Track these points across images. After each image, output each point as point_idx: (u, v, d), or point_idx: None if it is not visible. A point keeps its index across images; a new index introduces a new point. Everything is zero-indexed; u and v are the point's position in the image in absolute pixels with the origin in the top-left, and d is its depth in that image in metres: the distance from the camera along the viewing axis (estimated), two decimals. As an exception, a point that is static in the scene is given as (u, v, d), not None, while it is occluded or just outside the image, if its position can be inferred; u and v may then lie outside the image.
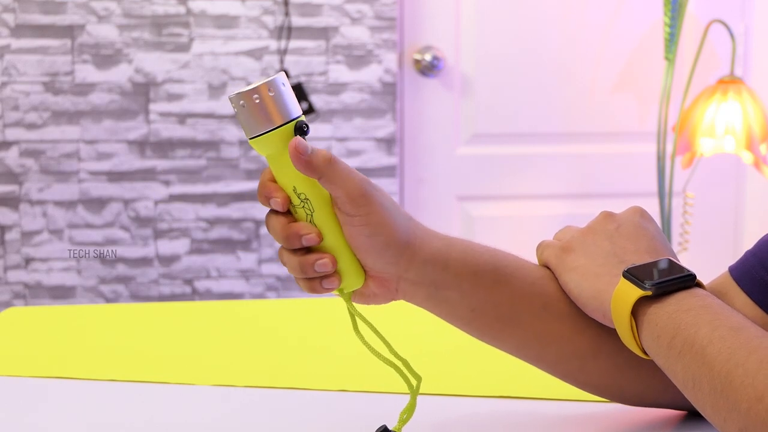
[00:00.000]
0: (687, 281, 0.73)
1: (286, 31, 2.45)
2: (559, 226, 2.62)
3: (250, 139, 0.72)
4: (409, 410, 0.79)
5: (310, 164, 0.72)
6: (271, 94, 0.71)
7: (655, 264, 0.75)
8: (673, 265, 0.74)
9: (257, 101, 0.71)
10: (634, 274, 0.73)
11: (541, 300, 0.80)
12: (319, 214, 0.73)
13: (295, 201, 0.73)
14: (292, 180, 0.73)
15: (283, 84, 0.72)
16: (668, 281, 0.72)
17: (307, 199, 0.73)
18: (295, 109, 0.72)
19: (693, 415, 0.84)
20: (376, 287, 0.78)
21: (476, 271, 0.78)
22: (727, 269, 0.83)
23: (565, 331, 0.79)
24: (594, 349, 0.80)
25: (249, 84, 0.75)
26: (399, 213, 0.76)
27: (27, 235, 2.44)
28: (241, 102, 0.72)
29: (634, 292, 0.72)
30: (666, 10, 2.35)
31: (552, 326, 0.79)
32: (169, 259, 2.48)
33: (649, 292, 0.71)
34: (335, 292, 0.77)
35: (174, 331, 1.16)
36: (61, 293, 2.46)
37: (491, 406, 0.90)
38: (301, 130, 0.72)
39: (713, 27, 2.47)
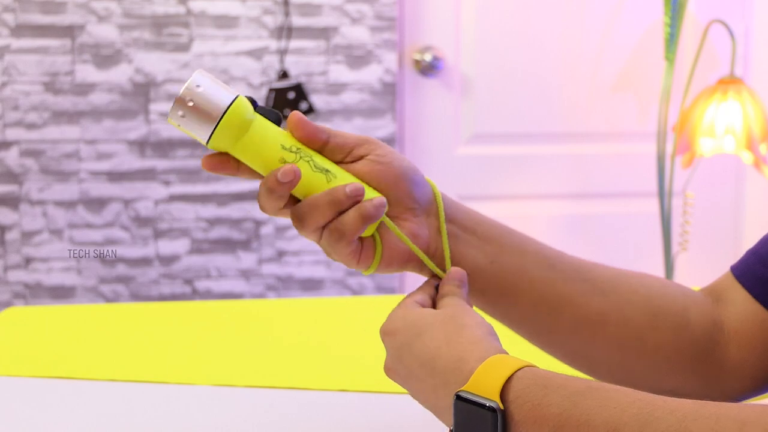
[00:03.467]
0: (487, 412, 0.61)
1: (286, 31, 2.45)
2: (559, 226, 2.61)
3: (211, 138, 0.70)
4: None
5: (314, 135, 0.72)
6: (199, 89, 0.70)
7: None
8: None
9: (191, 104, 0.69)
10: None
11: (548, 261, 0.79)
12: (318, 157, 0.73)
13: (291, 158, 0.72)
14: (276, 144, 0.71)
15: (202, 76, 0.71)
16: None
17: (299, 149, 0.72)
18: (229, 90, 0.71)
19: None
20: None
21: (484, 222, 0.78)
22: (729, 269, 0.83)
23: (575, 295, 0.79)
24: (603, 317, 0.79)
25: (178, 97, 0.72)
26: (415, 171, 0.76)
27: (27, 235, 2.44)
28: (180, 113, 0.70)
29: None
30: (666, 10, 2.35)
31: (561, 288, 0.79)
32: (169, 259, 2.48)
33: None
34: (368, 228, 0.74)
35: (174, 331, 1.16)
36: (61, 293, 2.46)
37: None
38: (253, 103, 0.72)
39: (713, 27, 2.46)
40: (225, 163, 0.73)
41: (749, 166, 2.71)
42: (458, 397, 0.61)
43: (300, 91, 2.45)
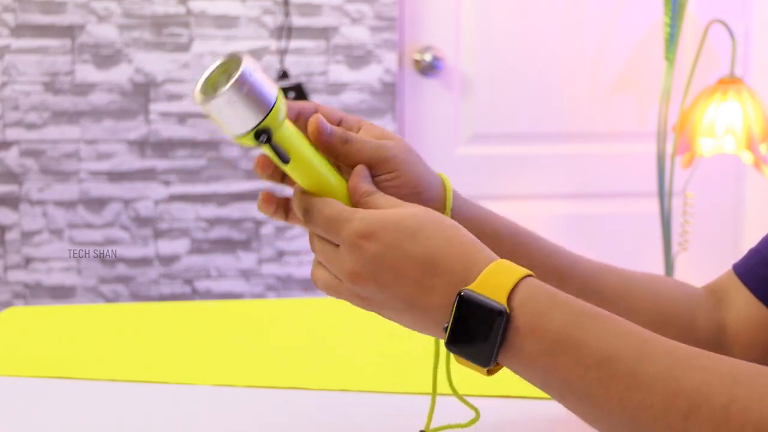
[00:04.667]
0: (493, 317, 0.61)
1: (286, 31, 2.45)
2: (559, 226, 2.62)
3: (254, 128, 0.66)
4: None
5: (329, 145, 0.70)
6: (254, 75, 0.66)
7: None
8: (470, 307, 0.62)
9: (245, 89, 0.65)
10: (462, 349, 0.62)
11: (559, 274, 0.78)
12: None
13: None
14: (301, 137, 0.70)
15: (254, 62, 0.67)
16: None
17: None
18: (270, 80, 0.69)
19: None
20: None
21: (497, 230, 0.77)
22: (731, 267, 0.83)
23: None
24: None
25: (209, 76, 0.68)
26: (427, 172, 0.75)
27: (27, 235, 2.44)
28: (227, 98, 0.64)
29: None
30: (666, 10, 2.35)
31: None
32: (169, 259, 2.48)
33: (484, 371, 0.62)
34: None
35: (174, 331, 1.16)
36: (61, 293, 2.46)
37: (491, 406, 0.90)
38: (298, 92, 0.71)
39: (713, 27, 2.46)
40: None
41: (749, 166, 2.71)
42: (463, 296, 0.61)
43: (300, 91, 2.45)
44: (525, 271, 0.62)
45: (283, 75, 2.44)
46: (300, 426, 0.85)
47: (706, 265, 2.73)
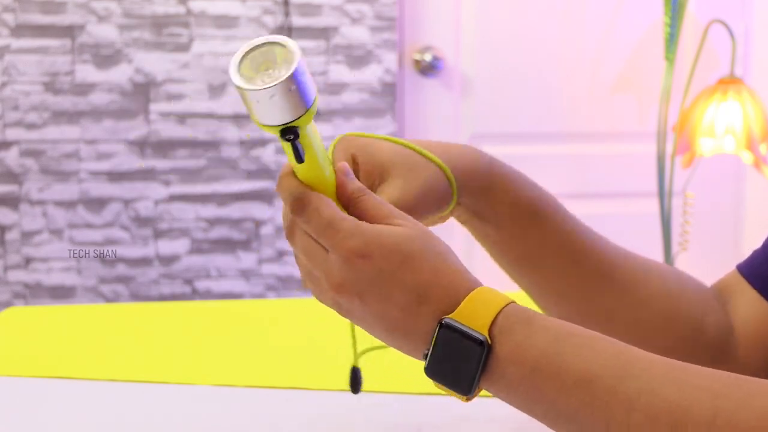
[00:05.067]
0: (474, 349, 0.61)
1: (286, 31, 2.45)
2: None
3: (292, 122, 0.64)
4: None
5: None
6: (304, 75, 0.64)
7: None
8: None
9: (293, 88, 0.63)
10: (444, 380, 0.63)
11: (573, 256, 0.78)
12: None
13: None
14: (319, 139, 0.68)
15: (302, 58, 0.64)
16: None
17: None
18: (313, 82, 0.66)
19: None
20: None
21: (518, 198, 0.77)
22: (735, 268, 0.83)
23: (589, 289, 0.78)
24: (611, 314, 0.79)
25: (249, 52, 0.64)
26: (437, 176, 0.73)
27: (27, 235, 2.44)
28: (274, 94, 0.63)
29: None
30: (666, 10, 2.35)
31: (578, 282, 0.78)
32: (169, 259, 2.48)
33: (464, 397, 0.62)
34: None
35: (174, 331, 1.16)
36: (61, 293, 2.46)
37: (488, 405, 0.89)
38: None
39: (713, 27, 2.47)
40: None
41: (749, 166, 2.71)
42: (444, 325, 0.61)
43: (300, 91, 2.45)
44: (506, 299, 0.62)
45: (283, 75, 2.44)
46: (300, 426, 0.85)
47: (706, 265, 2.73)
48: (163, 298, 2.48)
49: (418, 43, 2.58)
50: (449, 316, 0.62)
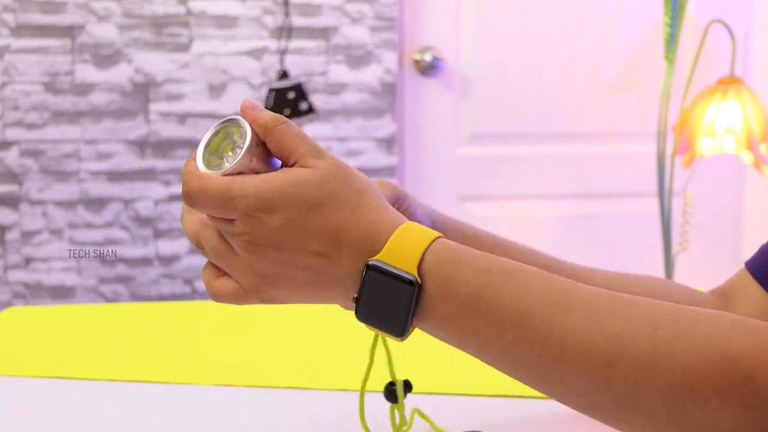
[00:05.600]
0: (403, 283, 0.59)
1: (286, 31, 2.45)
2: (559, 226, 2.61)
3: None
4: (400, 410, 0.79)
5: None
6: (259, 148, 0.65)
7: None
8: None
9: (253, 162, 0.64)
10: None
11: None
12: None
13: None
14: None
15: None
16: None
17: None
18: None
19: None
20: None
21: (477, 235, 0.79)
22: (744, 265, 0.82)
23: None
24: None
25: (209, 143, 0.65)
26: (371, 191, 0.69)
27: (27, 235, 2.44)
28: (251, 160, 0.64)
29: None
30: (666, 10, 2.35)
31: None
32: (169, 259, 2.48)
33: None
34: None
35: (174, 331, 1.16)
36: (61, 293, 2.46)
37: (491, 405, 0.90)
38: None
39: (713, 27, 2.46)
40: None
41: (749, 166, 2.71)
42: (371, 267, 0.59)
43: (300, 91, 2.45)
44: (433, 233, 0.61)
45: (283, 75, 2.44)
46: (300, 426, 0.85)
47: (706, 265, 2.73)
48: (163, 298, 2.48)
49: (418, 43, 2.58)
50: (375, 257, 0.60)
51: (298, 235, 0.60)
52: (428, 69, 2.54)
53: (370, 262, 0.59)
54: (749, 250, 2.69)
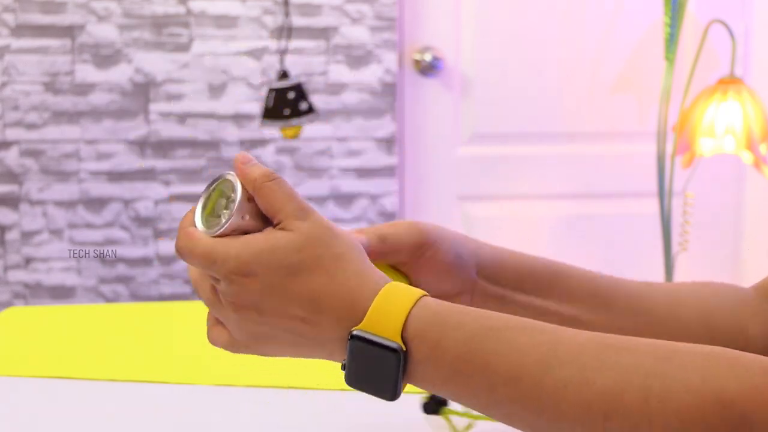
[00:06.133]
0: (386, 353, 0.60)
1: (286, 31, 2.45)
2: (559, 226, 2.61)
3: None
4: None
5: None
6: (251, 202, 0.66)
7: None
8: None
9: (246, 219, 0.65)
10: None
11: (602, 301, 0.76)
12: None
13: None
14: None
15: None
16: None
17: None
18: None
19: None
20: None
21: (533, 267, 0.75)
22: None
23: (629, 331, 0.76)
24: None
25: (205, 203, 0.66)
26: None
27: (27, 235, 2.44)
28: (244, 216, 0.65)
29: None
30: (666, 10, 2.35)
31: (616, 329, 0.76)
32: (169, 259, 2.48)
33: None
34: None
35: (174, 331, 1.16)
36: (61, 293, 2.46)
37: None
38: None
39: (713, 27, 2.46)
40: None
41: (749, 166, 2.71)
42: (355, 337, 0.59)
43: (300, 91, 2.45)
44: (415, 295, 0.61)
45: (283, 75, 2.44)
46: (300, 426, 0.85)
47: (706, 265, 2.73)
48: (163, 298, 2.48)
49: (418, 43, 2.58)
50: (358, 327, 0.60)
51: (278, 300, 0.61)
52: (428, 69, 2.54)
53: (354, 332, 0.59)
54: (749, 250, 2.69)
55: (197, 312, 1.25)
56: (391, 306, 0.60)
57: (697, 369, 0.53)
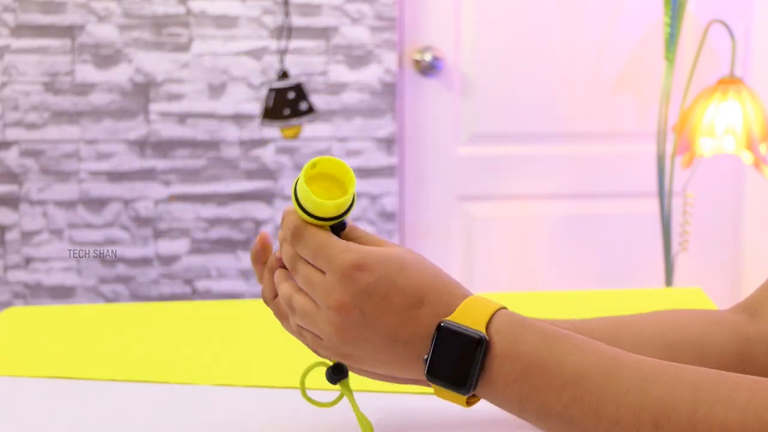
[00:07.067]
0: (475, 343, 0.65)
1: (286, 31, 2.45)
2: (558, 226, 2.61)
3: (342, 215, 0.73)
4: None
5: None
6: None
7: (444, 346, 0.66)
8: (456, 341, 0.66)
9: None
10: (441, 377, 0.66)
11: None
12: None
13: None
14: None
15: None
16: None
17: None
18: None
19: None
20: None
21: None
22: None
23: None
24: None
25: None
26: None
27: (27, 235, 2.44)
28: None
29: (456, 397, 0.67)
30: (666, 10, 2.35)
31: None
32: (169, 259, 2.48)
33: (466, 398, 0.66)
34: None
35: (174, 331, 1.16)
36: (61, 293, 2.46)
37: (488, 405, 0.90)
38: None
39: (713, 27, 2.46)
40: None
41: (749, 166, 2.71)
42: (443, 327, 0.65)
43: (300, 91, 2.45)
44: (499, 304, 0.67)
45: (283, 75, 2.44)
46: (300, 426, 0.85)
47: (706, 265, 2.73)
48: (163, 298, 2.48)
49: (418, 43, 2.58)
50: (447, 318, 0.66)
51: (384, 292, 0.67)
52: (428, 69, 2.54)
53: (442, 323, 0.65)
54: (749, 250, 2.69)
55: (197, 312, 1.26)
56: (479, 305, 0.66)
57: (744, 390, 0.57)
